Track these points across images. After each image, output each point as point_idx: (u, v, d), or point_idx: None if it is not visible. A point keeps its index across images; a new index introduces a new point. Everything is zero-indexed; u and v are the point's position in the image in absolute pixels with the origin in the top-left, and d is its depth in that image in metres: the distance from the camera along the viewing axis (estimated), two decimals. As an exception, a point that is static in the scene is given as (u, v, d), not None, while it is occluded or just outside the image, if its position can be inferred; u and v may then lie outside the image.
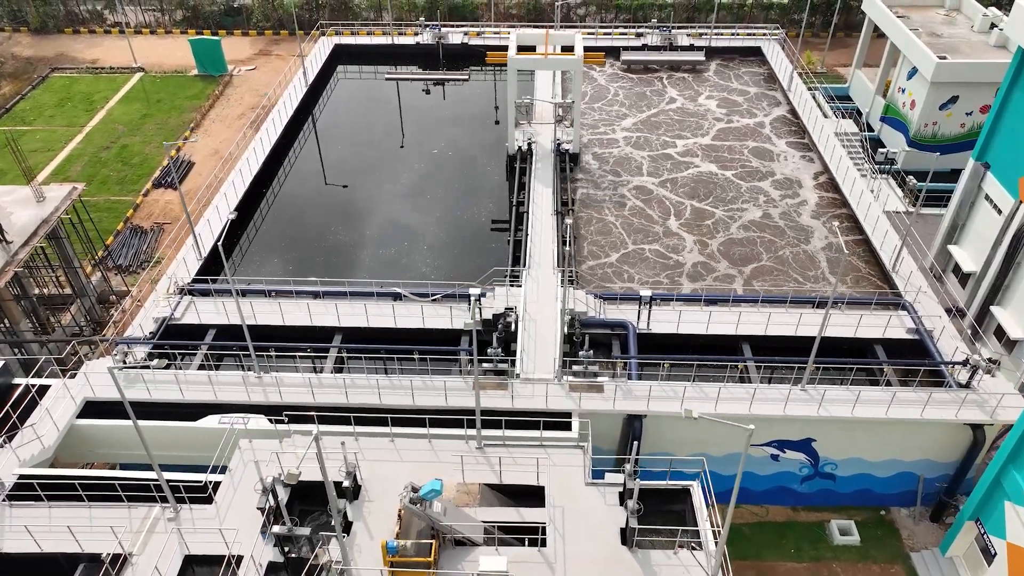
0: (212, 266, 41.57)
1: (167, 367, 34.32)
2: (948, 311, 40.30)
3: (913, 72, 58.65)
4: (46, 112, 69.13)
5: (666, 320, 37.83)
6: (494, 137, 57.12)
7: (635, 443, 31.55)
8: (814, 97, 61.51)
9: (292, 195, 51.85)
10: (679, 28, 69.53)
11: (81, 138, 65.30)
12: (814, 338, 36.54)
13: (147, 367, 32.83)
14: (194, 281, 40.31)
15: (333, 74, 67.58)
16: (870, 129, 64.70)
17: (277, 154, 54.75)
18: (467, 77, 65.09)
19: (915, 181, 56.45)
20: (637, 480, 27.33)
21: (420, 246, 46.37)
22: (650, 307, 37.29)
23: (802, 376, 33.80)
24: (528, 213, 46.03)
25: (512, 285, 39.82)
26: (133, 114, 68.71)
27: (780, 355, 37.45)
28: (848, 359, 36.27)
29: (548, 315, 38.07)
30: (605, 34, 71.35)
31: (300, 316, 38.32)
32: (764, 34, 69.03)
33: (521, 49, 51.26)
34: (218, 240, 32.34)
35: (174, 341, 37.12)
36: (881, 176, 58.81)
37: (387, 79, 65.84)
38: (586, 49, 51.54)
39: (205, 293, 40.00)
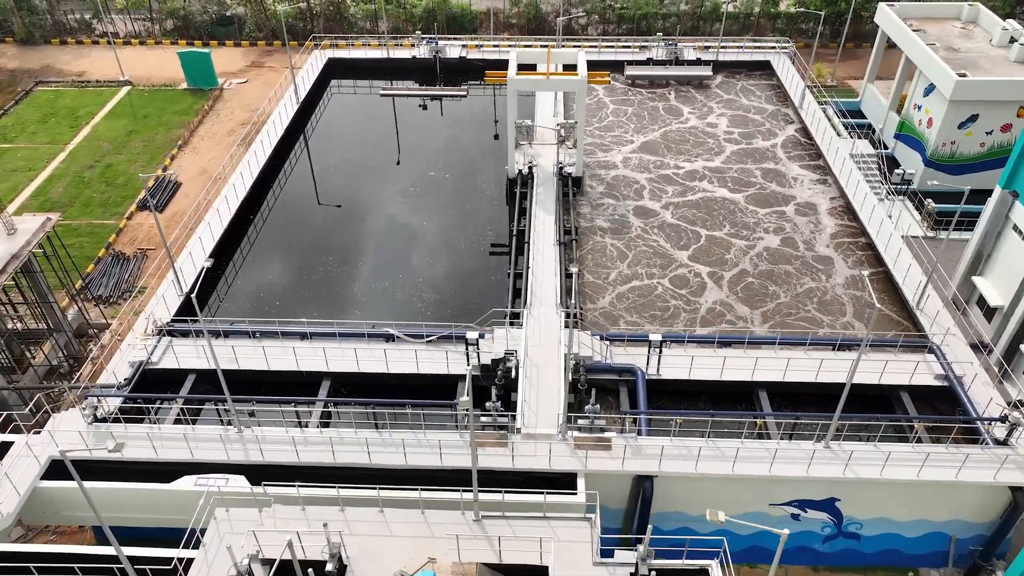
0: (191, 309, 39.01)
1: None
2: (974, 347, 37.89)
3: (930, 89, 56.18)
4: (29, 128, 66.67)
5: (677, 364, 35.35)
6: (493, 157, 54.62)
7: (647, 521, 28.94)
8: (826, 114, 59.07)
9: (282, 220, 49.33)
10: (685, 42, 66.93)
11: (64, 156, 62.83)
12: (836, 384, 34.33)
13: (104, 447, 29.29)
14: (174, 321, 37.83)
15: (326, 89, 65.07)
16: (884, 146, 62.28)
17: (267, 175, 52.29)
18: (465, 93, 62.61)
19: (933, 204, 53.97)
20: (651, 560, 24.85)
21: (415, 278, 43.87)
22: (660, 352, 34.81)
23: (826, 431, 31.31)
24: (529, 243, 43.55)
25: (512, 325, 37.34)
26: (119, 131, 66.23)
27: (799, 402, 35.12)
28: (876, 414, 33.70)
29: (551, 359, 35.60)
30: (608, 45, 68.94)
31: (286, 360, 35.83)
32: (773, 47, 66.54)
33: (521, 68, 48.78)
34: (192, 290, 29.76)
35: (147, 395, 34.55)
36: (897, 197, 56.38)
37: (382, 95, 63.34)
38: (589, 64, 49.10)
39: (185, 334, 37.53)
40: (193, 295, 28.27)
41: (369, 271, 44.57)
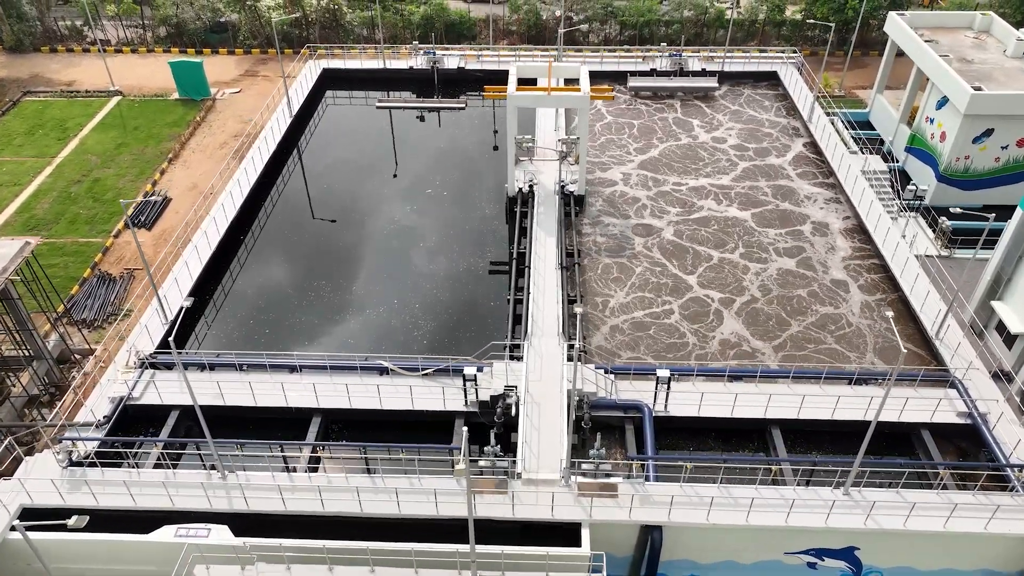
0: (178, 336, 37.17)
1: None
2: (995, 375, 36.13)
3: (943, 102, 54.34)
4: (15, 141, 64.82)
5: (686, 401, 33.55)
6: (492, 173, 52.84)
7: (656, 569, 27.18)
8: (835, 127, 57.24)
9: (273, 241, 47.55)
10: (690, 52, 65.11)
11: (51, 170, 60.99)
12: (853, 423, 32.66)
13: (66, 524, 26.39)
14: (156, 353, 36.01)
15: (321, 100, 63.33)
16: (894, 159, 60.44)
17: (259, 192, 50.56)
18: (464, 106, 60.80)
19: (948, 222, 52.14)
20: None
21: (412, 304, 42.05)
22: (668, 387, 33.01)
23: (845, 477, 29.52)
24: (529, 267, 41.76)
25: (512, 358, 35.55)
26: (108, 143, 64.39)
27: (815, 441, 33.38)
28: (898, 459, 31.89)
29: (552, 394, 33.80)
30: (610, 51, 67.17)
31: (274, 396, 34.02)
32: (780, 57, 64.75)
33: (521, 82, 46.98)
34: (170, 331, 27.99)
35: (125, 438, 32.77)
36: (909, 214, 54.57)
37: (378, 107, 61.53)
38: (591, 75, 47.26)
39: (169, 366, 35.72)
40: (171, 337, 26.41)
41: (363, 296, 42.77)
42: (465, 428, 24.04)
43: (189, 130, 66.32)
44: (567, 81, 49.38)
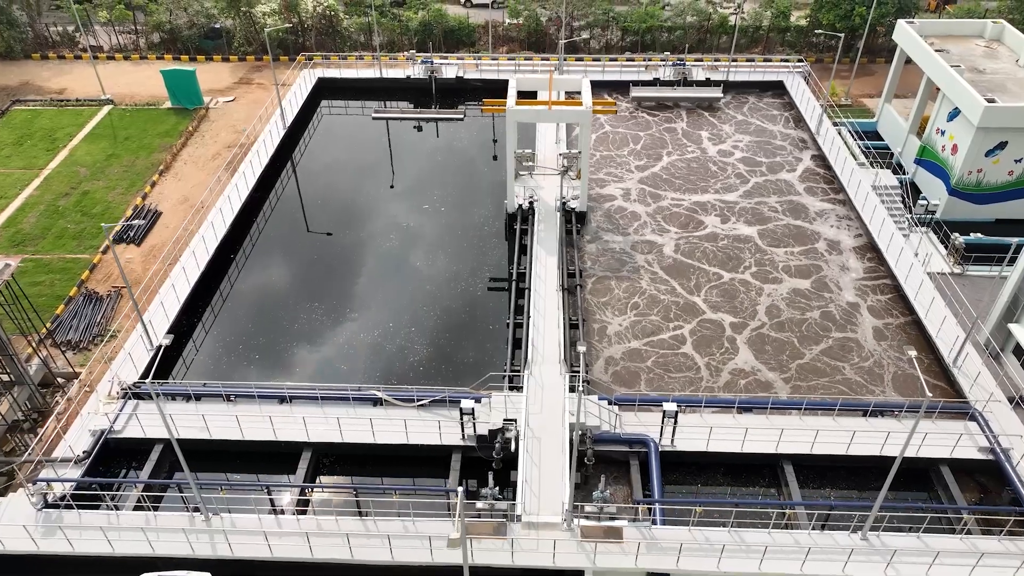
0: (163, 362, 35.66)
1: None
2: (1011, 400, 34.63)
3: (955, 113, 52.79)
4: (3, 152, 63.19)
5: (694, 435, 32.02)
6: (491, 186, 51.29)
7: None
8: (843, 139, 55.74)
9: (264, 259, 46.07)
10: (693, 61, 63.58)
11: (39, 183, 59.35)
12: (869, 458, 31.18)
13: None
14: (140, 383, 34.47)
15: (316, 110, 61.84)
16: (902, 170, 58.88)
17: (251, 207, 49.09)
18: (462, 117, 59.24)
19: (960, 238, 50.61)
20: None
21: (408, 327, 40.50)
22: (675, 421, 31.47)
23: (863, 521, 28.00)
24: (529, 289, 40.23)
25: (511, 389, 34.02)
26: (97, 154, 62.76)
27: (829, 477, 31.93)
28: (919, 503, 30.34)
29: (554, 428, 32.28)
30: (611, 59, 65.64)
31: (262, 429, 32.48)
32: (787, 67, 63.21)
33: (521, 95, 45.44)
34: (148, 372, 26.46)
35: (103, 479, 31.25)
36: (920, 229, 53.04)
37: (375, 118, 59.98)
38: (592, 85, 45.71)
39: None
40: (150, 377, 24.88)
41: (357, 318, 41.21)
42: (460, 489, 22.37)
43: (181, 140, 64.70)
44: (568, 95, 47.83)
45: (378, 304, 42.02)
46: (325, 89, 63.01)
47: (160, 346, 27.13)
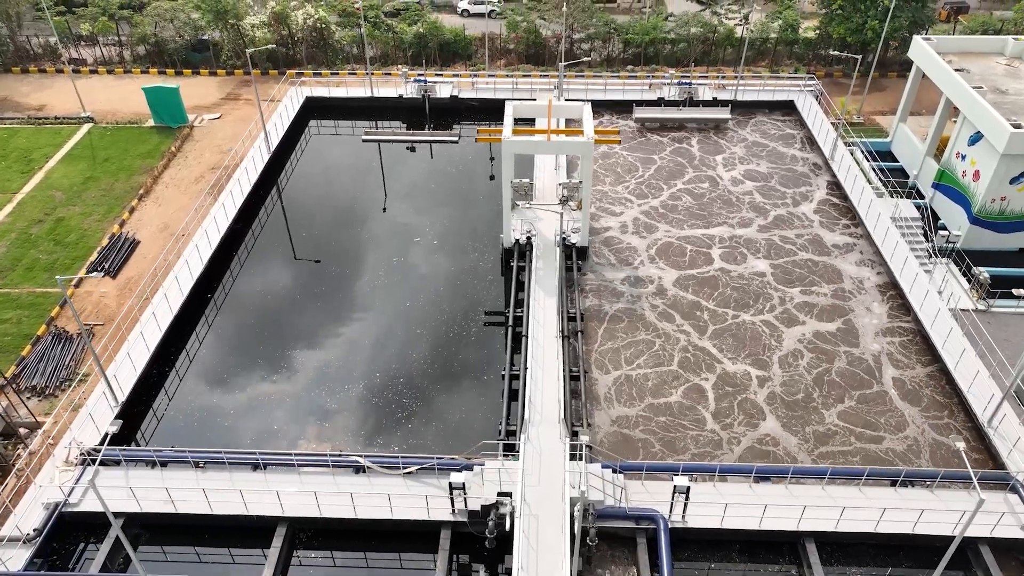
0: (127, 423, 32.75)
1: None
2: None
3: (976, 137, 49.85)
4: (-24, 174, 60.24)
5: (707, 512, 29.12)
6: (487, 214, 48.37)
7: None
8: (858, 162, 52.82)
9: (245, 299, 43.17)
10: (699, 78, 60.67)
11: (11, 209, 56.39)
12: (899, 536, 28.28)
13: None
14: (97, 448, 31.45)
15: (303, 132, 58.91)
16: (919, 195, 55.93)
17: (234, 235, 46.31)
18: (457, 139, 56.30)
19: (985, 272, 47.69)
20: None
21: (395, 378, 37.55)
22: (687, 497, 28.58)
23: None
24: (527, 336, 37.30)
25: (507, 457, 31.10)
26: (75, 177, 59.80)
27: (855, 555, 29.10)
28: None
29: (553, 502, 29.35)
30: (613, 74, 62.68)
31: (233, 502, 29.56)
32: (798, 86, 60.28)
33: (519, 123, 42.52)
34: (93, 460, 23.54)
35: (48, 574, 28.32)
36: (941, 260, 50.10)
37: (365, 140, 57.04)
38: (593, 105, 42.73)
39: (117, 462, 31.28)
40: (96, 463, 21.95)
41: (341, 367, 38.24)
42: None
43: (163, 162, 61.70)
44: (568, 123, 44.91)
45: (365, 352, 39.06)
46: (314, 108, 60.10)
47: (107, 433, 24.18)
